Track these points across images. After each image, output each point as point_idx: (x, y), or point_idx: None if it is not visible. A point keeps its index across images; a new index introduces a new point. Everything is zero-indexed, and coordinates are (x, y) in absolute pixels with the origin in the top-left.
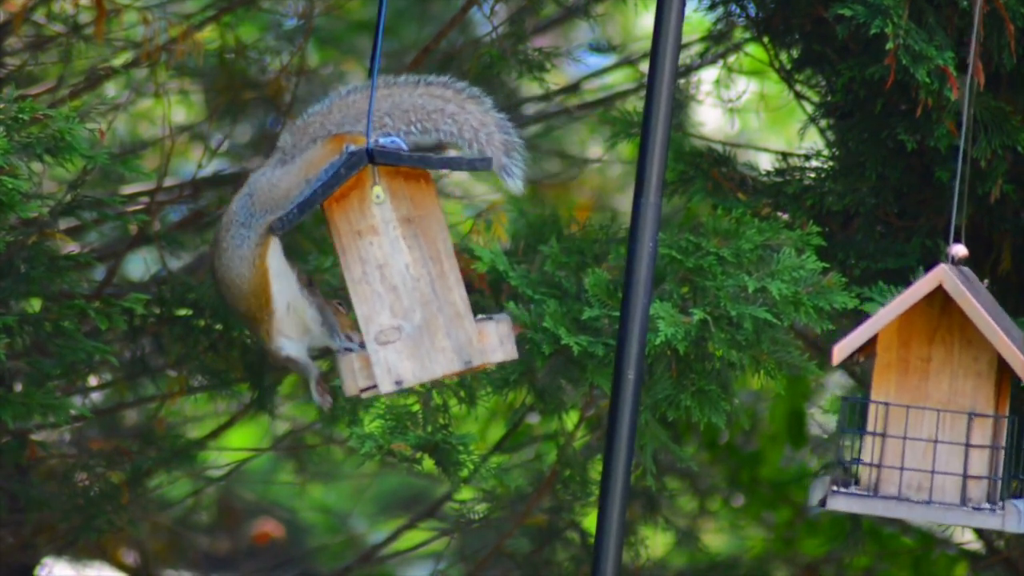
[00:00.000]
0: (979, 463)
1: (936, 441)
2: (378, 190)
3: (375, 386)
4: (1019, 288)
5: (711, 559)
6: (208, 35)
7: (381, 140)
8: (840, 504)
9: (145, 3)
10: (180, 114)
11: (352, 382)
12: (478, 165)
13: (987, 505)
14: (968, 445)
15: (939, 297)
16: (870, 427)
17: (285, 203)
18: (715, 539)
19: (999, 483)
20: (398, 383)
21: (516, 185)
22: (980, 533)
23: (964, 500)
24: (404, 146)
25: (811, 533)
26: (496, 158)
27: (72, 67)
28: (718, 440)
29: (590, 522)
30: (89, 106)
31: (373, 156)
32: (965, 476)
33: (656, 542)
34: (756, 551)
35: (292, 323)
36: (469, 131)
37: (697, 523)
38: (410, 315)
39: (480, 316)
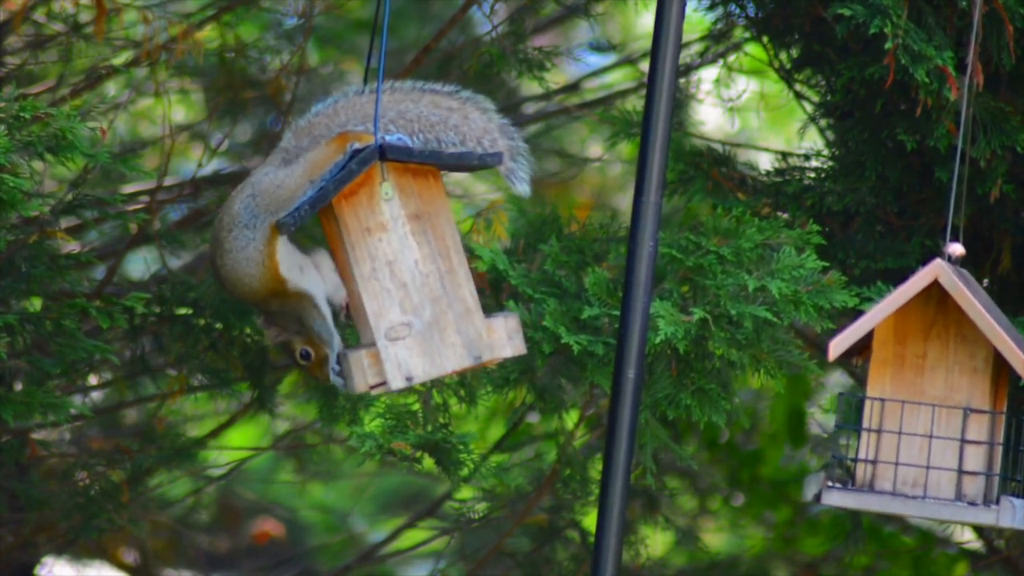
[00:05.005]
0: (975, 459)
1: (931, 436)
2: (387, 187)
3: (385, 383)
4: (1019, 288)
5: (711, 558)
6: (208, 34)
7: (388, 138)
8: (835, 499)
9: (145, 2)
10: (180, 113)
11: (362, 379)
12: (488, 160)
13: (982, 501)
14: (963, 441)
15: (935, 293)
16: (866, 423)
17: (289, 204)
18: (715, 538)
19: (995, 480)
20: (408, 379)
21: (523, 189)
22: (980, 532)
23: (959, 496)
24: (411, 144)
25: (811, 532)
26: (503, 163)
27: (72, 66)
28: (718, 439)
29: (590, 521)
30: (89, 105)
31: (384, 152)
32: (960, 472)
33: (656, 541)
34: (756, 550)
35: (314, 277)
36: (472, 141)
37: (697, 522)
38: (420, 311)
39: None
